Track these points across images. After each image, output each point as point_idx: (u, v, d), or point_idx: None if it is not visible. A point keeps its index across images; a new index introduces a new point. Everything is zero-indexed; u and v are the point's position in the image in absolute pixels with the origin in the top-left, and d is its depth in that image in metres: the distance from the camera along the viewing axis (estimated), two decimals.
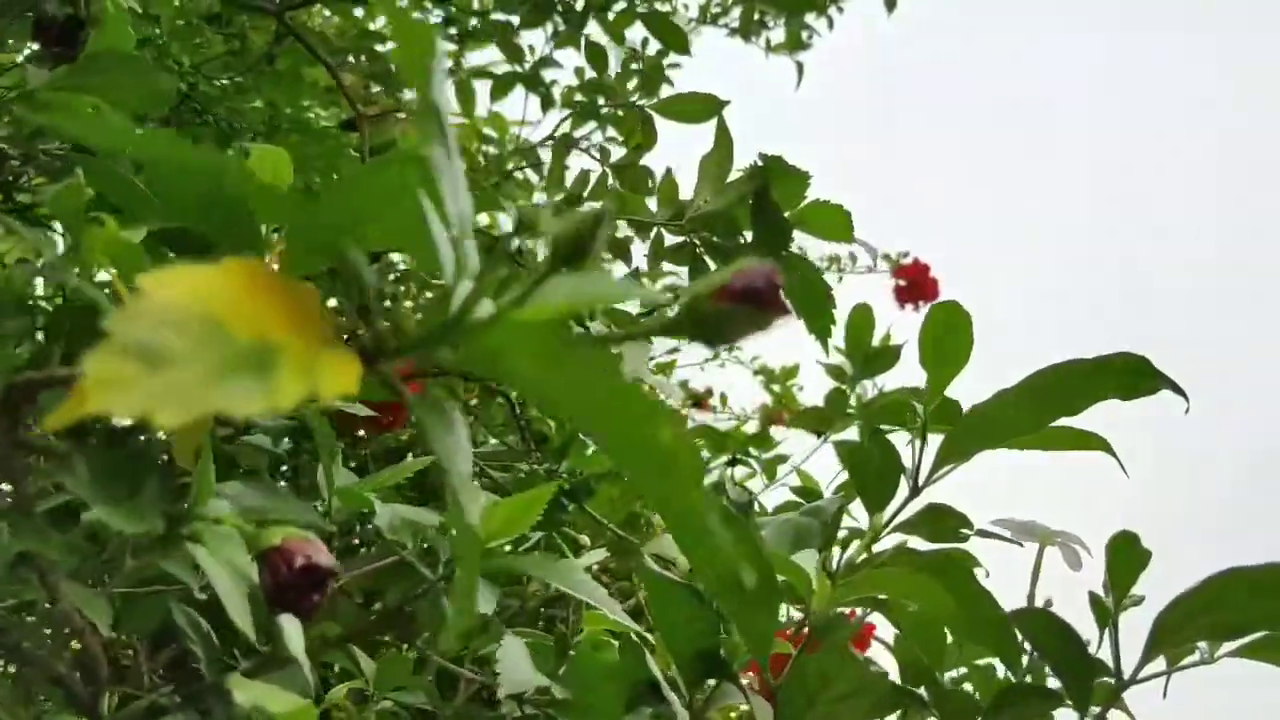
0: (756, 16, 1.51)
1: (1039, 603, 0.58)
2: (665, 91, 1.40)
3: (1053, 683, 0.53)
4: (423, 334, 0.22)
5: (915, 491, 0.61)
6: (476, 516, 0.23)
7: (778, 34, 1.52)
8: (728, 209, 0.70)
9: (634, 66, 1.57)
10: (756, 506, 1.11)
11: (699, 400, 1.68)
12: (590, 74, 1.32)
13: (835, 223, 0.71)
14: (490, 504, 0.55)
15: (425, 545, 0.51)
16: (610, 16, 0.97)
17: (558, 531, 0.85)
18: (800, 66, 1.58)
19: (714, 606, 0.46)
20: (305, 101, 1.08)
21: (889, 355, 1.16)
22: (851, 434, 1.15)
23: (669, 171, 0.75)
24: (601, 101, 1.41)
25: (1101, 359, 0.57)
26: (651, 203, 0.75)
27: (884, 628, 0.75)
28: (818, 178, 0.66)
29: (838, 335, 1.25)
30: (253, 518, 0.35)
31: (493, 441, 0.83)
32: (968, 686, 0.66)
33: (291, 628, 0.42)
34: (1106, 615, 0.49)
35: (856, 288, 1.77)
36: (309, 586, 0.30)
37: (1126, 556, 0.48)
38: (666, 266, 0.87)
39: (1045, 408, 0.60)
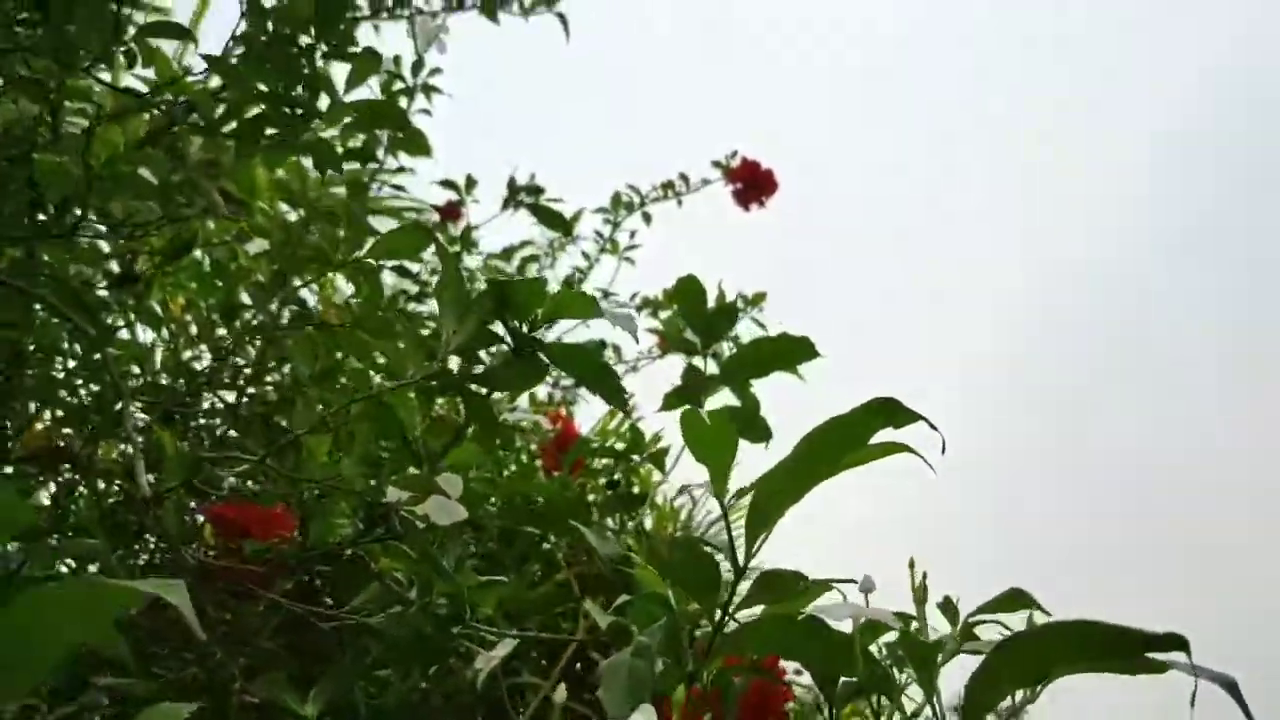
0: None
1: None
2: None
3: None
4: None
5: (741, 573, 0.61)
6: None
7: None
8: (478, 336, 0.68)
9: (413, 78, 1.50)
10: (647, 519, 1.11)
11: None
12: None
13: (581, 304, 0.70)
14: None
15: None
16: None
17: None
18: (564, 19, 1.52)
19: None
20: None
21: (728, 315, 1.15)
22: (724, 397, 1.14)
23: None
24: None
25: (862, 407, 0.57)
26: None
27: None
28: None
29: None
30: None
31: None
32: None
33: None
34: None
35: (700, 206, 1.75)
36: None
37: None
38: None
39: (834, 453, 0.60)
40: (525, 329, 0.68)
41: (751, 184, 1.66)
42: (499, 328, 0.71)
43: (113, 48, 0.79)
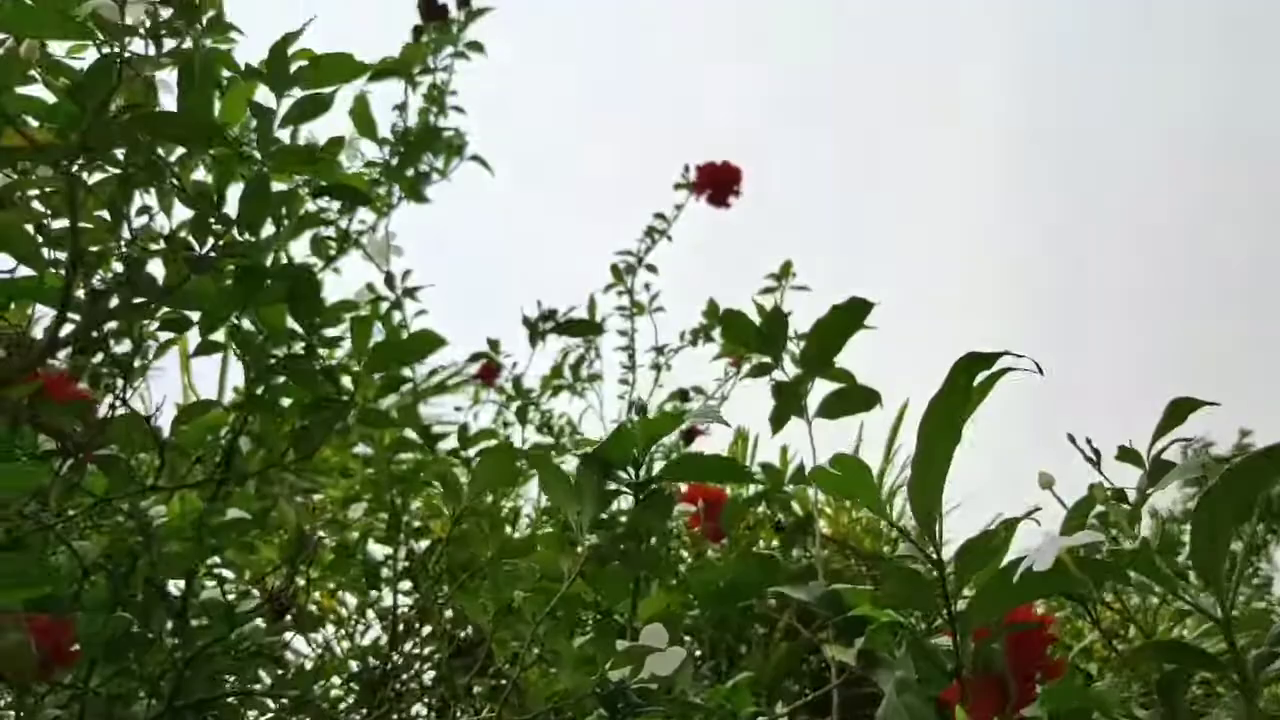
0: (411, 173, 1.50)
1: None
2: None
3: None
4: None
5: (941, 565, 0.64)
6: None
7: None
8: (600, 502, 0.71)
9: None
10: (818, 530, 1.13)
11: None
12: None
13: (667, 423, 0.73)
14: None
15: None
16: None
17: None
18: (482, 159, 1.57)
19: None
20: None
21: (780, 321, 1.17)
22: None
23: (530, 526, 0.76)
24: None
25: (951, 377, 0.59)
26: None
27: None
28: None
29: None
30: None
31: None
32: None
33: None
34: None
35: (691, 227, 1.79)
36: None
37: None
38: None
39: (952, 425, 0.62)
40: (635, 473, 0.72)
41: (718, 185, 1.69)
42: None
43: (162, 459, 0.84)
